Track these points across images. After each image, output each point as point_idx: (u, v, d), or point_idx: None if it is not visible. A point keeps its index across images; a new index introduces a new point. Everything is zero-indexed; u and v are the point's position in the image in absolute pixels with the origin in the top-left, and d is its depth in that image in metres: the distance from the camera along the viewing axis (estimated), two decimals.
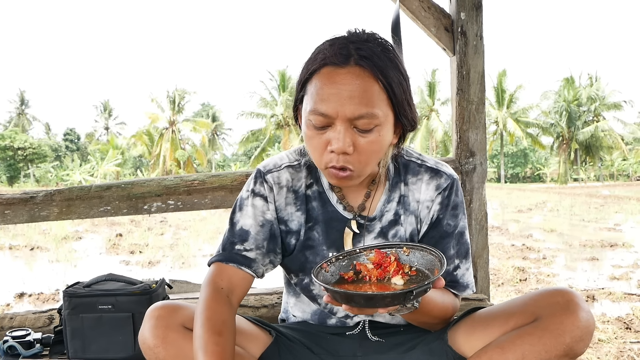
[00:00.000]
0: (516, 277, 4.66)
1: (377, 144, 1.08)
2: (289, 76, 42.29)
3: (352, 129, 1.06)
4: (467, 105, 2.33)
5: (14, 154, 45.39)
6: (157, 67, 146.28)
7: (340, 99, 1.03)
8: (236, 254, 1.18)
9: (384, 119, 1.07)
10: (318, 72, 1.07)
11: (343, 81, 1.04)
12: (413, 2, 2.28)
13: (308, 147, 1.12)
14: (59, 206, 2.21)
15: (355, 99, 1.03)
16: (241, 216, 1.22)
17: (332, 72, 1.05)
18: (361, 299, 0.90)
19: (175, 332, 1.07)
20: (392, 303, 0.90)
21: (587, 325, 1.03)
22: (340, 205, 1.24)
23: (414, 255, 1.05)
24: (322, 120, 1.06)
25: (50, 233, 9.08)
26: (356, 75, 1.04)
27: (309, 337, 1.29)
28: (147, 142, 47.79)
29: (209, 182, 2.23)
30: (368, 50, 1.05)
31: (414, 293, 0.90)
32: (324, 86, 1.05)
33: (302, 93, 1.12)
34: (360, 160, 1.08)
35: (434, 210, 1.24)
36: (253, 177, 1.26)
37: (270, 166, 1.26)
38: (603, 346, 2.56)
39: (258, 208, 1.22)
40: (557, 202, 16.27)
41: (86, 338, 1.75)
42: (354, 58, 1.05)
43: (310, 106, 1.07)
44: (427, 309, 1.13)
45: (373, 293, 0.91)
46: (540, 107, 46.70)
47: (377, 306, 0.91)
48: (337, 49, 1.06)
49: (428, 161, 1.27)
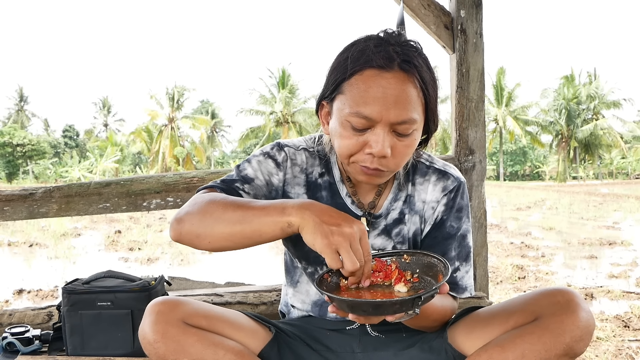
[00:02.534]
0: (515, 275, 4.67)
1: (412, 147, 1.09)
2: (288, 74, 42.25)
3: (392, 132, 1.06)
4: (466, 103, 2.33)
5: (12, 151, 45.34)
6: (156, 64, 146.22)
7: (386, 104, 1.03)
8: (234, 189, 1.16)
9: (419, 124, 1.08)
10: (360, 74, 1.05)
11: (389, 86, 1.03)
12: (413, 0, 2.28)
13: (340, 144, 1.10)
14: (58, 203, 2.21)
15: (400, 104, 1.03)
16: (249, 166, 1.21)
17: (378, 75, 1.04)
18: (369, 306, 0.89)
19: (175, 327, 1.07)
20: (400, 310, 0.89)
21: (587, 325, 1.04)
22: (349, 198, 1.25)
23: (415, 262, 1.05)
24: (364, 123, 1.05)
25: (49, 230, 9.08)
26: (401, 80, 1.04)
27: (308, 334, 1.29)
28: (146, 139, 47.74)
29: (208, 179, 2.23)
30: (409, 54, 1.06)
31: (422, 299, 0.89)
32: (369, 89, 1.04)
33: (337, 92, 1.09)
34: (395, 163, 1.09)
35: (439, 211, 1.25)
36: (270, 145, 1.26)
37: (290, 144, 1.27)
38: (601, 344, 2.57)
39: (267, 167, 1.22)
40: (556, 200, 16.28)
41: (85, 335, 1.75)
42: (397, 62, 1.04)
43: (352, 108, 1.05)
44: (427, 314, 1.13)
45: (382, 300, 0.89)
46: (540, 105, 46.71)
47: (385, 313, 0.90)
48: (383, 50, 1.05)
49: (436, 163, 1.28)
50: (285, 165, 1.24)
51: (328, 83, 1.12)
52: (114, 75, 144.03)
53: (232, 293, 2.20)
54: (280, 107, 41.46)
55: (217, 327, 1.13)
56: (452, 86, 2.38)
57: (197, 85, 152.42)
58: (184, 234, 1.05)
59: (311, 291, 1.32)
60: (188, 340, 1.06)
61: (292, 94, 42.12)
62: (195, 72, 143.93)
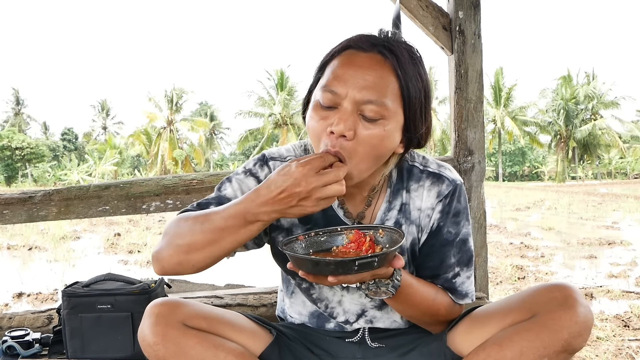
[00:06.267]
0: (514, 275, 4.67)
1: (379, 139, 1.04)
2: (287, 76, 42.27)
3: (358, 114, 1.03)
4: (465, 104, 2.33)
5: (11, 154, 45.28)
6: (154, 66, 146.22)
7: (354, 80, 1.03)
8: None
9: (392, 115, 1.05)
10: (339, 55, 1.07)
11: (361, 64, 1.03)
12: (411, 1, 2.28)
13: (309, 130, 1.09)
14: (57, 206, 2.20)
15: (369, 82, 1.02)
16: (229, 186, 1.19)
17: (354, 54, 1.05)
18: (309, 264, 0.94)
19: (175, 329, 1.06)
20: (337, 271, 0.92)
21: (585, 321, 1.02)
22: (340, 210, 1.21)
23: (387, 237, 1.05)
24: (330, 99, 1.04)
25: (48, 233, 9.06)
26: (376, 61, 1.04)
27: (309, 338, 1.28)
28: (145, 142, 47.73)
29: (207, 181, 2.23)
30: (396, 47, 1.06)
31: (357, 264, 0.91)
32: (341, 65, 1.05)
33: (319, 75, 1.10)
34: (357, 152, 1.03)
35: (434, 219, 1.20)
36: (255, 159, 1.24)
37: (276, 155, 1.24)
38: (601, 344, 2.57)
39: (247, 186, 1.19)
40: (555, 201, 16.29)
41: (85, 338, 1.75)
42: (378, 48, 1.05)
43: (322, 83, 1.06)
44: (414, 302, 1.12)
45: (318, 258, 0.94)
46: (538, 106, 46.79)
47: (323, 272, 0.93)
48: (365, 37, 1.07)
49: (430, 166, 1.22)
50: None
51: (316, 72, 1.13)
52: (113, 78, 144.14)
53: (232, 295, 2.19)
54: (279, 109, 41.48)
55: (218, 329, 1.13)
56: (451, 87, 2.39)
57: (195, 87, 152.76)
58: (166, 266, 1.06)
59: (307, 303, 1.29)
60: (188, 342, 1.06)
61: (290, 96, 42.16)
62: (194, 74, 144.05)
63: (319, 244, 1.08)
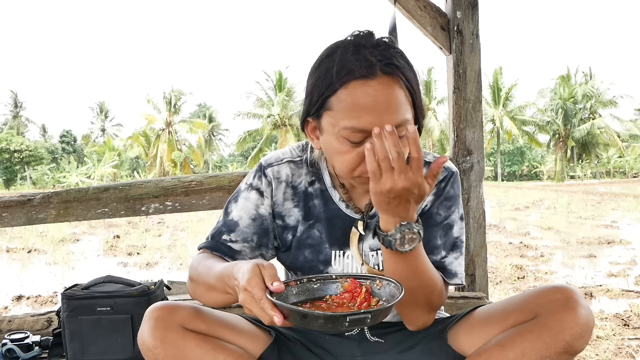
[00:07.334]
0: (514, 275, 4.68)
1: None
2: (285, 77, 42.29)
3: None
4: (463, 104, 2.33)
5: (10, 157, 45.27)
6: (153, 68, 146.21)
7: (378, 112, 1.02)
8: (222, 243, 1.21)
9: (411, 120, 1.07)
10: (346, 87, 1.04)
11: (376, 93, 1.02)
12: (409, 2, 2.29)
13: (340, 160, 1.09)
14: (56, 208, 2.20)
15: (391, 109, 1.03)
16: (235, 207, 1.24)
17: (364, 85, 1.03)
18: (297, 315, 0.88)
19: (174, 332, 1.06)
20: (325, 326, 0.87)
21: (586, 322, 1.03)
22: (342, 203, 1.23)
23: (385, 289, 1.01)
24: (360, 136, 1.05)
25: (47, 235, 9.06)
26: (387, 85, 1.03)
27: (308, 337, 1.29)
28: (143, 144, 47.71)
29: (206, 183, 2.23)
30: (387, 55, 1.05)
31: (348, 319, 0.86)
32: (358, 101, 1.03)
33: (324, 109, 1.08)
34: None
35: (428, 200, 1.23)
36: (254, 170, 1.27)
37: (272, 160, 1.27)
38: (601, 343, 2.57)
39: (252, 201, 1.23)
40: (554, 200, 16.31)
41: (85, 340, 1.75)
42: (379, 67, 1.03)
43: (345, 123, 1.04)
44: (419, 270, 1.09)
45: (307, 311, 0.88)
46: (537, 105, 46.81)
47: (311, 326, 0.88)
48: (360, 59, 1.03)
49: (427, 157, 1.25)
50: (269, 190, 1.24)
51: (312, 99, 1.10)
52: (111, 80, 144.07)
53: None
54: (278, 110, 41.46)
55: (217, 331, 1.13)
56: (449, 87, 2.39)
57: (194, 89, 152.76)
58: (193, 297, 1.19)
59: None
60: (187, 345, 1.06)
61: (289, 97, 42.14)
62: (192, 75, 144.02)
63: (311, 292, 1.03)
